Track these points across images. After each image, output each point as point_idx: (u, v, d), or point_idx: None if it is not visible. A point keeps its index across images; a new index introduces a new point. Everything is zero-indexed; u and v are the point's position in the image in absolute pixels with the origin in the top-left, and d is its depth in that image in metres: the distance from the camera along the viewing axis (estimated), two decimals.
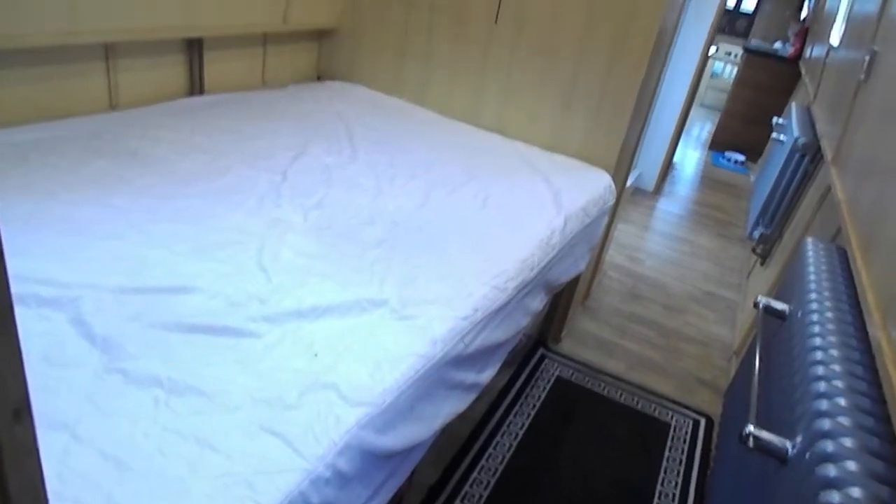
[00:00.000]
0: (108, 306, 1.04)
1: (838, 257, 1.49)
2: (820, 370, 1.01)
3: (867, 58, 1.73)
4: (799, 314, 1.29)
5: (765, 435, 1.03)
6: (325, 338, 1.08)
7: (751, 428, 1.04)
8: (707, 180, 5.25)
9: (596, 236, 2.12)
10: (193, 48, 2.09)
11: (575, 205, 1.83)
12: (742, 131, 5.85)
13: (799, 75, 4.87)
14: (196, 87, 2.14)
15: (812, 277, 1.35)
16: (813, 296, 1.27)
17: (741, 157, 5.70)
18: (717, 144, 6.02)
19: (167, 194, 1.44)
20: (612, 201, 2.16)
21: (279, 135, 1.93)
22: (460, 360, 1.22)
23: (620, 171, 2.27)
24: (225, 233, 1.34)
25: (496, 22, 2.29)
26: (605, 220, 2.19)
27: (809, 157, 2.72)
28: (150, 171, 1.52)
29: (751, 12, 8.12)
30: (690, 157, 5.85)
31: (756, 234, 2.97)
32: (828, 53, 3.01)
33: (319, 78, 2.72)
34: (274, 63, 2.49)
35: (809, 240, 1.55)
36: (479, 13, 2.31)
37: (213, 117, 1.94)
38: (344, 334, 1.10)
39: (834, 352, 1.06)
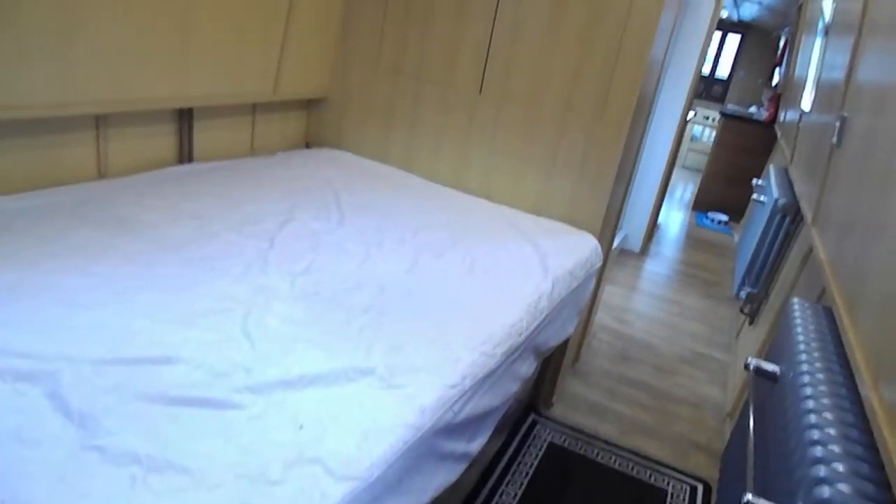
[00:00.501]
0: (87, 379, 1.01)
1: (825, 317, 1.49)
2: (815, 434, 1.00)
3: (838, 124, 1.79)
4: (790, 375, 1.28)
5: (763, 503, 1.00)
6: (310, 408, 1.05)
7: (749, 497, 1.01)
8: (692, 240, 5.32)
9: (584, 299, 2.12)
10: (184, 118, 2.12)
11: (562, 268, 1.84)
12: (723, 192, 5.99)
13: (775, 138, 5.03)
14: (185, 155, 2.17)
15: (801, 338, 1.35)
16: (803, 356, 1.26)
17: (724, 217, 5.81)
18: (701, 205, 6.14)
19: (153, 261, 1.43)
20: (598, 264, 2.18)
21: (267, 201, 1.94)
22: (450, 429, 1.19)
23: (606, 234, 2.29)
24: (210, 300, 1.32)
25: (480, 92, 2.36)
26: (593, 282, 2.20)
27: (790, 217, 2.77)
28: (137, 238, 1.52)
29: (726, 78, 8.48)
30: (675, 218, 5.95)
31: (743, 294, 2.99)
32: (800, 118, 3.12)
33: (308, 145, 2.77)
34: (263, 131, 2.53)
35: (795, 300, 1.56)
36: (464, 83, 2.38)
37: (202, 184, 1.95)
38: (330, 404, 1.07)
39: (828, 415, 1.05)
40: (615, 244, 2.74)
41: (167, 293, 1.32)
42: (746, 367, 1.48)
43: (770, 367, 1.44)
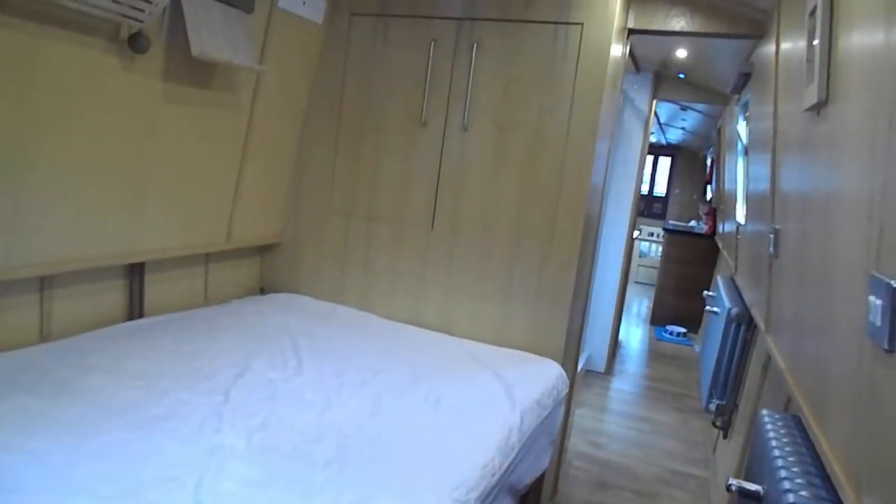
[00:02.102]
0: None
1: (796, 427, 1.47)
2: None
3: (772, 236, 1.88)
4: (774, 495, 1.23)
5: None
6: None
7: None
8: (654, 354, 5.35)
9: (555, 428, 2.06)
10: (134, 272, 2.09)
11: (529, 398, 1.80)
12: (677, 304, 6.13)
13: (717, 248, 5.26)
14: (136, 310, 2.11)
15: (777, 453, 1.32)
16: (783, 473, 1.23)
17: (682, 329, 5.90)
18: (657, 319, 6.25)
19: (95, 429, 1.33)
20: (565, 390, 2.15)
21: (221, 352, 1.88)
22: None
23: (570, 357, 2.28)
24: (159, 468, 1.23)
25: (432, 227, 2.42)
26: (562, 409, 2.15)
27: (745, 325, 2.82)
28: (78, 404, 1.42)
29: (664, 195, 8.99)
30: (634, 334, 6.01)
31: (712, 407, 2.96)
32: (738, 230, 3.29)
33: (263, 291, 2.74)
34: (216, 279, 2.51)
35: (765, 413, 1.55)
36: (415, 220, 2.45)
37: (151, 339, 1.89)
38: None
39: None
40: (580, 366, 2.72)
41: (110, 464, 1.22)
42: (729, 489, 1.43)
43: (752, 486, 1.39)
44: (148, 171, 1.98)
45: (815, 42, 1.28)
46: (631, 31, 2.46)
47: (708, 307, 3.74)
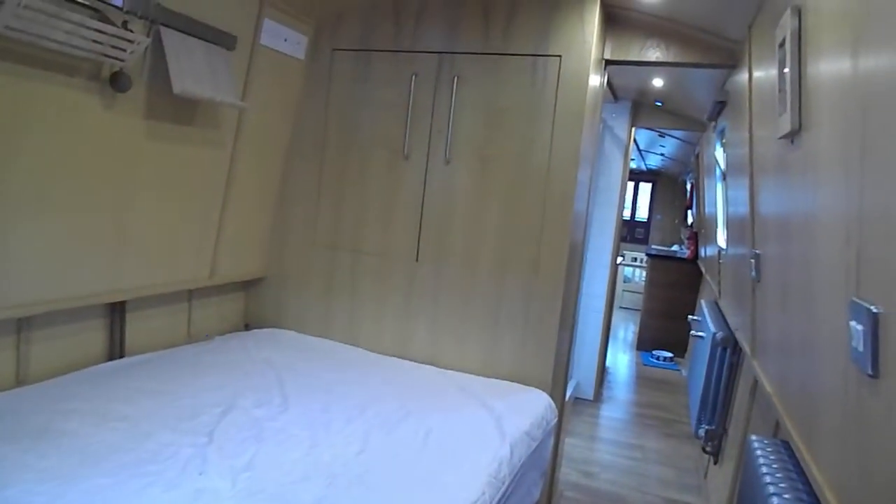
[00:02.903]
0: None
1: (786, 453, 1.47)
2: None
3: (753, 261, 1.90)
4: None
5: None
6: None
7: None
8: (642, 380, 5.34)
9: (545, 460, 2.04)
10: (115, 311, 2.06)
11: (518, 430, 1.79)
12: (663, 328, 6.14)
13: (700, 272, 5.30)
14: (116, 349, 2.07)
15: (768, 479, 1.31)
16: (775, 501, 1.22)
17: (669, 354, 5.90)
18: (644, 344, 6.25)
19: (74, 476, 1.30)
20: (555, 419, 2.13)
21: (205, 390, 1.85)
22: None
23: (558, 387, 2.27)
24: None
25: (417, 259, 2.42)
26: (552, 439, 2.14)
27: (730, 349, 2.83)
28: (57, 451, 1.38)
29: (646, 220, 9.09)
30: (622, 360, 6.00)
31: (702, 432, 2.95)
32: (720, 254, 3.32)
33: (247, 326, 2.71)
34: (200, 316, 2.47)
35: (754, 439, 1.54)
36: (400, 252, 2.45)
37: (133, 380, 1.85)
38: None
39: None
40: (568, 394, 2.71)
41: None
42: None
43: None
44: (130, 209, 1.97)
45: (787, 70, 1.31)
46: (608, 62, 2.51)
47: (693, 332, 3.75)
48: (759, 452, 1.45)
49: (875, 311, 0.81)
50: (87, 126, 1.76)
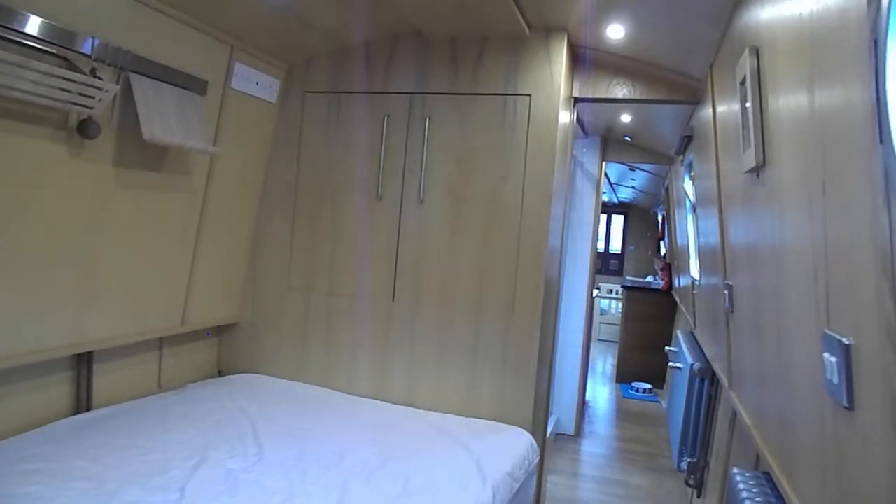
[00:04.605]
0: None
1: (769, 485, 1.46)
2: None
3: (726, 292, 1.92)
4: None
5: None
6: None
7: None
8: (622, 413, 5.32)
9: (528, 500, 2.00)
10: (82, 362, 1.99)
11: (500, 471, 1.75)
12: (641, 360, 6.16)
13: (675, 303, 5.35)
14: (83, 403, 2.00)
15: None
16: None
17: (648, 386, 5.91)
18: (623, 376, 6.25)
19: None
20: (536, 458, 2.10)
21: (176, 443, 1.78)
22: None
23: (539, 424, 2.25)
24: None
25: (393, 300, 2.40)
26: (535, 479, 2.10)
27: (708, 380, 2.84)
28: None
29: (619, 252, 9.19)
30: (601, 393, 5.99)
31: (684, 465, 2.94)
32: (693, 284, 3.36)
33: (221, 373, 2.65)
34: (171, 364, 2.41)
35: (736, 472, 1.53)
36: (376, 292, 2.43)
37: (99, 435, 1.78)
38: None
39: None
40: (549, 430, 2.68)
41: None
42: None
43: None
44: (99, 257, 1.93)
45: (749, 107, 1.35)
46: (577, 100, 2.57)
47: (671, 363, 3.76)
48: (741, 486, 1.44)
49: (847, 342, 0.81)
50: (53, 174, 1.73)
